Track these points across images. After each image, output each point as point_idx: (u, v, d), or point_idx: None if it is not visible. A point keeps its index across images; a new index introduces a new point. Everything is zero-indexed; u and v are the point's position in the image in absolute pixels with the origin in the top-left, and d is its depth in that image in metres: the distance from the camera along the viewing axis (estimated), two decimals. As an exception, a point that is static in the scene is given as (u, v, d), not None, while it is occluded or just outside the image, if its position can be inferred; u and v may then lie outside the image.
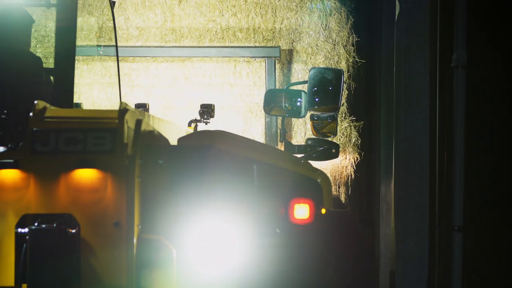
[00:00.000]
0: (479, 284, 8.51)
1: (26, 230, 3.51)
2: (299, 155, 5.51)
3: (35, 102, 3.62)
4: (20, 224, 3.54)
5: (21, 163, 3.55)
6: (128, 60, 7.91)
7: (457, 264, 6.10)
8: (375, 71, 8.83)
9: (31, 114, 3.59)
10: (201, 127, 6.08)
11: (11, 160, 3.54)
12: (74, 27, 4.70)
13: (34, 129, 3.56)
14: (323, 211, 3.88)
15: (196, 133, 5.04)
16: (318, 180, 4.13)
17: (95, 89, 7.95)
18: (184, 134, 5.32)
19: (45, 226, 3.52)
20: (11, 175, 3.56)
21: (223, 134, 4.31)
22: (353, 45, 8.14)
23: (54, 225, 3.51)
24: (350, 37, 8.14)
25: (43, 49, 6.86)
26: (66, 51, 4.62)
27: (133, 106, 5.80)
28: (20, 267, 3.52)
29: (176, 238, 3.71)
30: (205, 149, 4.06)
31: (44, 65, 5.23)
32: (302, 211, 3.87)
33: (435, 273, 6.20)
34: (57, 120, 3.64)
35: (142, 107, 5.90)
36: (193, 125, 6.04)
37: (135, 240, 3.56)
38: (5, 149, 3.55)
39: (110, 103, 7.61)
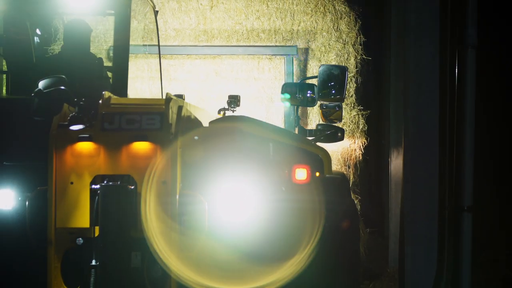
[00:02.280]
0: (489, 265, 8.41)
1: (98, 186, 4.18)
2: (310, 138, 5.88)
3: (103, 92, 4.31)
4: (93, 182, 4.21)
5: (94, 137, 4.21)
6: (167, 57, 8.20)
7: (466, 245, 5.82)
8: (384, 53, 8.98)
9: (100, 101, 4.27)
10: (229, 114, 6.34)
11: (87, 135, 4.21)
12: (128, 31, 5.30)
13: (103, 112, 4.24)
14: (317, 174, 4.54)
15: (223, 117, 5.59)
16: (317, 154, 4.76)
17: (138, 82, 8.23)
18: (214, 118, 6.05)
19: (111, 184, 4.19)
20: (87, 146, 4.23)
21: (245, 119, 4.90)
22: (361, 44, 8.45)
23: (118, 183, 4.18)
24: (358, 37, 8.47)
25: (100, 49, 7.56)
26: (122, 52, 5.28)
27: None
28: (93, 214, 4.19)
29: (208, 194, 4.34)
30: (231, 129, 4.68)
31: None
32: (301, 174, 4.51)
33: (444, 254, 5.89)
34: (120, 106, 4.33)
35: (179, 98, 6.62)
36: (222, 113, 6.25)
37: (177, 195, 4.22)
38: (83, 126, 4.20)
39: (151, 94, 7.92)
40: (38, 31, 6.14)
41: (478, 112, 5.98)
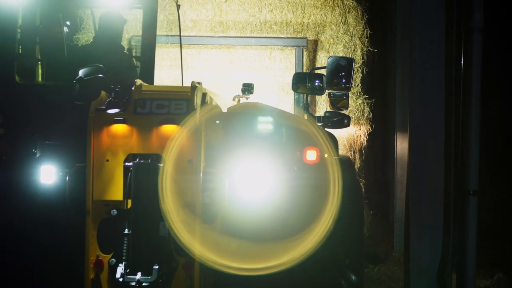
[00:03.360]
0: (494, 248, 8.70)
1: (131, 164, 4.47)
2: (318, 124, 6.02)
3: (135, 80, 4.61)
4: (126, 160, 4.50)
5: (128, 120, 4.51)
6: (184, 46, 8.22)
7: (471, 228, 5.63)
8: (389, 45, 9.14)
9: (133, 88, 4.57)
10: (243, 101, 6.48)
11: (121, 118, 4.50)
12: (155, 25, 5.57)
13: (136, 98, 4.54)
14: (326, 155, 4.82)
15: (241, 103, 5.85)
16: (326, 138, 5.04)
17: (156, 69, 8.70)
18: (230, 105, 6.03)
19: (142, 161, 4.48)
20: (121, 128, 4.52)
21: (260, 105, 5.22)
22: (367, 37, 8.65)
23: (149, 161, 4.47)
24: (365, 31, 8.67)
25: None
26: (149, 44, 5.55)
27: (189, 84, 6.83)
28: (126, 188, 4.48)
29: (228, 172, 4.66)
30: (247, 116, 5.02)
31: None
32: (311, 155, 4.85)
33: (450, 238, 5.71)
34: (151, 92, 4.61)
35: (197, 84, 6.83)
36: (236, 99, 6.41)
37: (201, 173, 4.51)
38: (118, 110, 4.48)
39: (170, 82, 8.11)
40: (68, 23, 6.46)
41: (484, 95, 5.81)
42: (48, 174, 4.99)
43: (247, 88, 6.34)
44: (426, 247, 5.69)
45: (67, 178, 4.71)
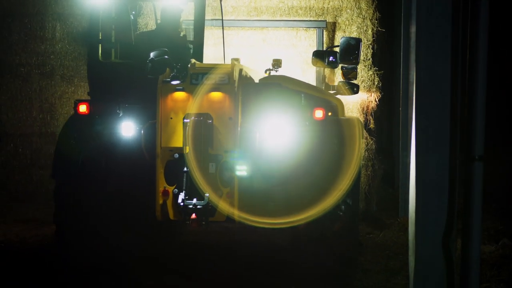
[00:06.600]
0: (499, 214, 8.99)
1: (188, 120, 5.47)
2: (332, 92, 6.87)
3: (191, 60, 5.60)
4: (185, 117, 5.49)
5: (186, 89, 5.53)
6: (225, 28, 8.35)
7: (477, 194, 5.21)
8: (395, 26, 9.54)
9: (189, 65, 5.57)
10: (273, 74, 7.01)
11: (181, 87, 5.53)
12: (204, 15, 6.39)
13: (191, 72, 5.57)
14: (329, 114, 5.82)
15: (268, 76, 6.73)
16: (333, 101, 6.05)
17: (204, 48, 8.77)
18: (262, 77, 6.78)
19: (196, 119, 5.48)
20: (181, 95, 5.53)
21: (285, 77, 6.19)
22: (377, 19, 9.24)
23: (201, 118, 5.48)
24: (375, 14, 9.25)
25: None
26: (199, 30, 6.42)
27: (229, 60, 6.67)
28: (185, 138, 5.45)
29: (259, 126, 5.63)
30: (274, 85, 5.97)
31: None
32: (319, 113, 5.80)
33: (455, 203, 5.33)
34: (202, 68, 5.62)
35: (235, 60, 6.79)
36: (267, 72, 6.94)
37: (239, 127, 5.53)
38: (179, 82, 5.49)
39: (214, 58, 8.52)
40: (133, 12, 7.35)
41: (491, 60, 5.34)
42: (128, 128, 5.89)
43: (276, 63, 6.93)
44: (432, 212, 5.36)
45: (142, 131, 5.73)
